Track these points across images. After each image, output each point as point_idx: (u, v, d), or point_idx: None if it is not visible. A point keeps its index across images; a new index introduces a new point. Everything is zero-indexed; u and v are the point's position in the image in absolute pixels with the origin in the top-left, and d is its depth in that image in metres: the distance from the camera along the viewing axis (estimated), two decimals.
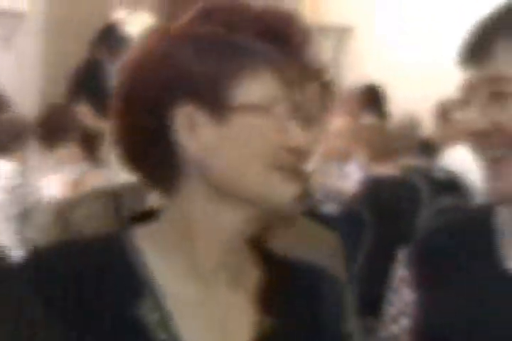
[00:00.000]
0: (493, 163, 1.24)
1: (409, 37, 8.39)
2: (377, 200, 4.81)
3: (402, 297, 1.36)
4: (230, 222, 1.11)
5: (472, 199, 5.11)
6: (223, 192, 1.10)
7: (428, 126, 6.52)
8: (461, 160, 5.06)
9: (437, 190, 4.95)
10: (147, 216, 1.16)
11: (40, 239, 1.44)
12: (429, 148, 6.19)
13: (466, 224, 1.40)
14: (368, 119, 5.76)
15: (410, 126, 6.05)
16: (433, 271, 1.35)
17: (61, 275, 1.07)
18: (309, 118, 1.11)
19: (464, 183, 5.24)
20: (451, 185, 5.21)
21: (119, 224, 1.38)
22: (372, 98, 6.58)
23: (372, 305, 2.29)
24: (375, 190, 4.87)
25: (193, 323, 1.10)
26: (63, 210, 1.61)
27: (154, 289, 1.10)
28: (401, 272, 1.38)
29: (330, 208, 4.80)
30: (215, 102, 1.09)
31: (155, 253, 1.12)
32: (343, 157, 5.30)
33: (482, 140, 1.23)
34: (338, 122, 5.00)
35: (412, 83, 7.81)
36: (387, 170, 5.09)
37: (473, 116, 1.22)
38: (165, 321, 1.09)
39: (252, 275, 1.16)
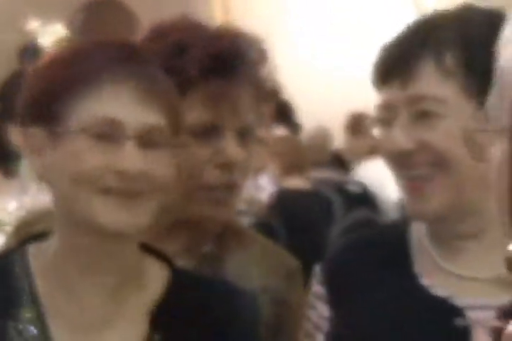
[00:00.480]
0: (414, 182, 1.25)
1: (324, 47, 8.47)
2: (287, 212, 4.81)
3: (318, 312, 1.36)
4: (84, 245, 1.12)
5: (385, 214, 5.22)
6: (67, 215, 1.13)
7: (340, 139, 6.60)
8: (375, 174, 5.12)
9: (350, 203, 5.00)
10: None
11: None
12: (340, 160, 6.26)
13: (380, 240, 1.42)
14: (280, 132, 5.77)
15: (322, 139, 6.11)
16: (345, 288, 1.37)
17: None
18: None
19: (377, 197, 5.32)
20: (365, 199, 5.26)
21: None
22: (283, 110, 6.61)
23: None
24: (285, 203, 4.88)
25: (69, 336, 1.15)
26: (21, 226, 1.62)
27: (35, 301, 1.14)
28: (315, 288, 1.38)
29: (245, 220, 4.80)
30: (52, 125, 1.11)
31: (42, 270, 1.17)
32: (256, 170, 5.30)
33: (404, 159, 1.24)
34: None
35: (323, 94, 7.89)
36: (298, 182, 5.12)
37: (396, 136, 1.23)
38: (44, 333, 1.12)
39: (149, 292, 1.18)
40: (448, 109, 1.23)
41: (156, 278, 1.19)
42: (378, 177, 4.98)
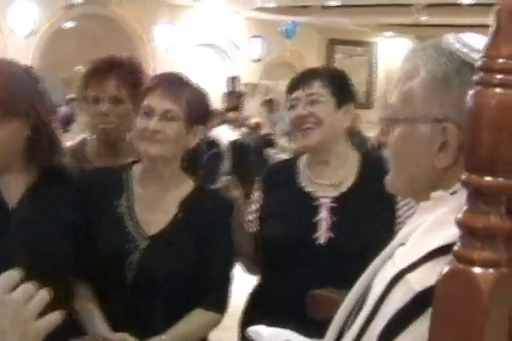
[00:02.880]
0: (305, 131, 2.42)
1: None
2: None
3: (255, 197, 2.58)
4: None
5: None
6: None
7: None
8: None
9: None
10: None
11: None
12: None
13: (285, 165, 2.65)
14: None
15: None
16: (268, 187, 2.55)
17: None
18: None
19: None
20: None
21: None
22: None
23: None
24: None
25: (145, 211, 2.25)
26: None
27: (131, 190, 2.25)
28: (257, 186, 2.61)
29: None
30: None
31: (137, 175, 2.28)
32: None
33: (303, 119, 2.44)
34: None
35: None
36: None
37: (299, 110, 2.46)
38: (132, 213, 2.22)
39: (181, 192, 2.29)
40: (324, 99, 2.42)
41: (187, 186, 2.29)
42: None
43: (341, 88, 2.44)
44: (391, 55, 19.31)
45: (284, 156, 10.04)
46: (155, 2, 14.67)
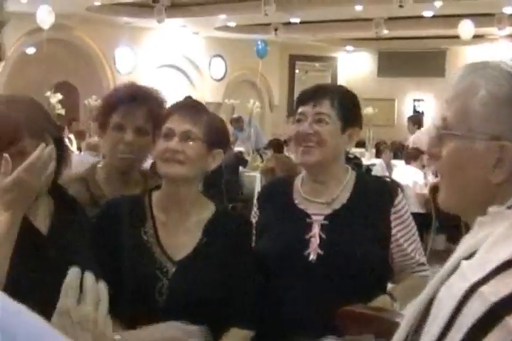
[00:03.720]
0: (307, 148, 2.43)
1: None
2: None
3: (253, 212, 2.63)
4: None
5: None
6: None
7: None
8: None
9: None
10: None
11: None
12: None
13: (279, 184, 2.71)
14: None
15: None
16: (261, 202, 2.62)
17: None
18: None
19: None
20: None
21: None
22: None
23: None
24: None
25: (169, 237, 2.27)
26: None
27: (153, 217, 2.28)
28: (254, 202, 2.62)
29: None
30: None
31: (156, 202, 2.30)
32: None
33: (306, 137, 2.44)
34: None
35: None
36: None
37: (305, 127, 2.44)
38: (157, 239, 2.25)
39: (204, 216, 2.31)
40: (331, 121, 2.42)
41: (208, 209, 2.31)
42: None
43: (350, 112, 2.46)
44: (351, 69, 19.52)
45: (255, 174, 10.09)
46: (117, 25, 14.69)
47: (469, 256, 1.22)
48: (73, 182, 2.48)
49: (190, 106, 2.29)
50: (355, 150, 10.45)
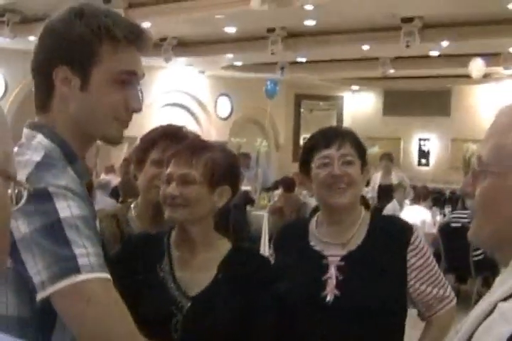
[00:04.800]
0: (339, 189, 2.46)
1: None
2: None
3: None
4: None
5: None
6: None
7: None
8: None
9: None
10: None
11: None
12: None
13: (297, 225, 2.74)
14: None
15: None
16: (279, 246, 2.65)
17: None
18: None
19: None
20: None
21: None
22: None
23: None
24: None
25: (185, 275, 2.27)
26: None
27: (169, 255, 2.30)
28: (271, 245, 2.68)
29: None
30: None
31: (174, 241, 2.32)
32: None
33: (337, 179, 2.46)
34: None
35: None
36: None
37: (335, 168, 2.48)
38: (173, 275, 2.25)
39: (219, 253, 2.31)
40: (355, 160, 2.47)
41: (223, 246, 2.31)
42: None
43: (364, 150, 2.54)
44: (356, 108, 19.59)
45: (262, 213, 10.02)
46: None
47: (506, 298, 1.20)
48: (104, 218, 2.53)
49: (190, 146, 2.32)
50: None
